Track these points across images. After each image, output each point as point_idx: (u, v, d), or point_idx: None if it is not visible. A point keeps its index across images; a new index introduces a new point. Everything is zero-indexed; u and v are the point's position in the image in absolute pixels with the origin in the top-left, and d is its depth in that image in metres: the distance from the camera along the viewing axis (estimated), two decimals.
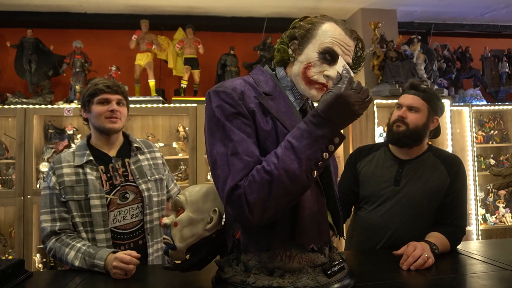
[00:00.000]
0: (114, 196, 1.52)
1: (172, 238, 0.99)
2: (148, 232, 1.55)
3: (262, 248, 0.93)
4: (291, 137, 0.87)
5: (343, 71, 0.90)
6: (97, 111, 1.55)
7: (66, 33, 3.58)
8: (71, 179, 1.50)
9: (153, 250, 1.56)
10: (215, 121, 0.93)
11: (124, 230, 1.52)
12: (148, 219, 1.56)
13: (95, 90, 1.56)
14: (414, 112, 1.56)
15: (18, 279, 1.17)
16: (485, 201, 3.78)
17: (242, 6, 3.52)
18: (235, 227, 0.98)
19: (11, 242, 3.11)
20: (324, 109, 0.87)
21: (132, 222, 1.54)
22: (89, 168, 1.52)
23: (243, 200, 0.84)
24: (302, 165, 0.84)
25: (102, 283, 1.21)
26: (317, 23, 1.02)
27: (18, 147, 2.91)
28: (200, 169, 3.04)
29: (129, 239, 1.52)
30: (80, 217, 1.48)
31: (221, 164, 0.89)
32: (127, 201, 1.54)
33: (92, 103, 1.56)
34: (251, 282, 0.91)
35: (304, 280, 0.91)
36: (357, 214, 1.67)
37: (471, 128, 3.57)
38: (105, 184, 1.52)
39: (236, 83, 0.97)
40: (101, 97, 1.56)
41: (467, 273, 1.19)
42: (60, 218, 1.46)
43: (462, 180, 1.54)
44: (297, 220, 0.93)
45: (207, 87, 3.65)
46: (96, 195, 1.48)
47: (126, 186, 1.56)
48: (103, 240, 1.46)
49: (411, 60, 3.42)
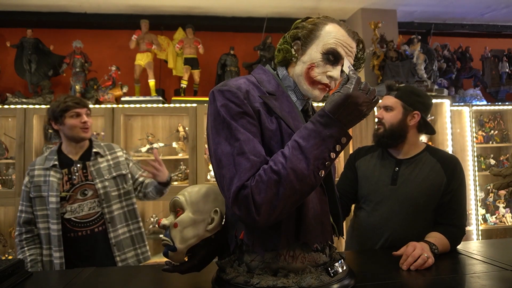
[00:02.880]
0: (73, 193, 1.87)
1: (172, 239, 0.97)
2: (109, 221, 1.89)
3: (267, 248, 0.93)
4: (298, 137, 0.87)
5: (350, 72, 0.90)
6: (71, 123, 1.87)
7: (66, 33, 3.58)
8: (40, 179, 1.88)
9: (115, 234, 1.90)
10: (220, 120, 0.92)
11: (81, 220, 1.87)
12: (106, 211, 1.89)
13: (66, 106, 1.86)
14: (389, 111, 1.60)
15: (18, 279, 1.17)
16: (485, 201, 3.78)
17: (242, 6, 3.52)
18: (237, 228, 0.97)
19: (11, 242, 3.11)
20: (332, 109, 0.87)
21: (89, 213, 1.88)
22: (53, 171, 1.88)
23: (250, 200, 0.84)
24: (310, 164, 0.84)
25: (102, 283, 1.21)
26: (320, 24, 1.02)
27: (18, 147, 2.91)
28: (200, 169, 3.04)
29: (86, 227, 1.87)
30: (41, 210, 1.86)
31: (227, 163, 0.88)
32: (86, 197, 1.89)
33: (65, 117, 1.86)
34: (255, 283, 0.91)
35: (309, 280, 0.91)
36: (356, 214, 1.68)
37: (471, 128, 3.57)
38: (65, 184, 1.87)
39: (240, 82, 0.97)
40: (73, 112, 1.87)
41: (467, 273, 1.19)
42: (26, 211, 1.88)
43: (460, 180, 1.54)
44: (302, 220, 0.94)
45: (207, 87, 3.66)
46: (53, 194, 1.83)
47: (86, 184, 1.90)
48: (55, 230, 1.82)
49: (411, 60, 3.42)
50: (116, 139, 2.97)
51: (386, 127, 1.59)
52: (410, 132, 1.60)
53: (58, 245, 1.82)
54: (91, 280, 1.22)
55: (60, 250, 1.82)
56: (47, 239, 1.85)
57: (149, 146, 3.23)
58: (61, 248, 1.82)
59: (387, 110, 1.61)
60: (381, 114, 1.61)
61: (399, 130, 1.58)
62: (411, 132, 1.60)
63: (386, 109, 1.61)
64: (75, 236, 1.85)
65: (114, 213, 1.91)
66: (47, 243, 1.85)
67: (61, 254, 1.82)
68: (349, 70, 0.92)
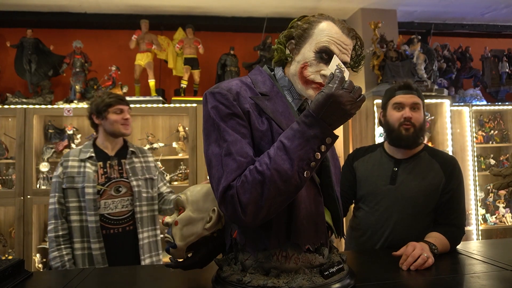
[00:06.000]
0: (108, 187, 1.88)
1: (172, 236, 1.01)
2: (138, 221, 1.90)
3: (258, 248, 0.93)
4: (283, 137, 0.87)
5: (335, 71, 0.89)
6: (113, 118, 1.92)
7: (66, 33, 3.58)
8: (73, 170, 1.88)
9: (143, 236, 1.91)
10: (210, 122, 0.94)
11: (114, 217, 1.88)
12: (138, 210, 1.91)
13: (111, 101, 1.92)
14: (416, 111, 1.57)
15: (18, 279, 1.17)
16: (485, 201, 3.78)
17: (242, 6, 3.52)
18: (232, 227, 0.98)
19: (11, 242, 3.11)
20: (315, 109, 0.86)
21: (121, 211, 1.89)
22: (89, 163, 1.89)
23: (236, 200, 0.84)
24: (294, 165, 0.83)
25: (102, 283, 1.21)
26: (314, 22, 1.01)
27: (18, 147, 2.91)
28: (200, 169, 3.04)
29: (118, 224, 1.88)
30: (76, 202, 1.85)
31: (216, 164, 0.90)
32: (120, 194, 1.90)
33: (108, 112, 1.92)
34: (247, 282, 0.91)
35: (299, 281, 0.91)
36: (355, 214, 1.68)
37: (471, 128, 3.57)
38: (100, 177, 1.88)
39: (232, 84, 0.97)
40: (117, 107, 1.93)
41: (467, 273, 1.19)
42: (59, 202, 1.85)
43: (458, 180, 1.54)
44: (292, 220, 0.93)
45: (207, 87, 3.62)
46: (89, 185, 1.84)
47: (120, 181, 1.91)
48: (93, 221, 1.81)
49: (411, 60, 3.42)
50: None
51: (416, 126, 1.55)
52: None
53: (98, 237, 1.80)
54: (91, 280, 1.22)
55: (99, 241, 1.81)
56: (82, 232, 1.83)
57: (149, 146, 3.23)
58: (100, 239, 1.81)
59: (414, 109, 1.56)
60: (410, 114, 1.55)
61: (424, 129, 1.58)
62: None
63: (413, 108, 1.56)
64: (107, 233, 1.85)
65: (144, 214, 1.92)
66: (81, 236, 1.83)
67: (101, 245, 1.81)
68: (335, 69, 0.90)
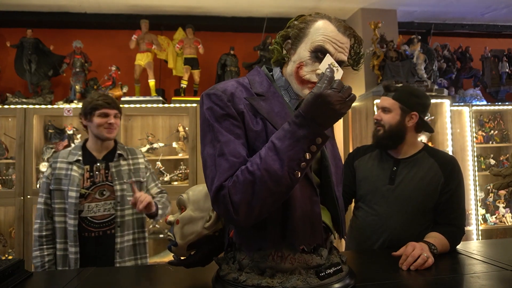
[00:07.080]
0: (92, 191, 1.88)
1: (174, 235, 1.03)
2: (118, 225, 1.89)
3: (254, 248, 0.94)
4: (274, 138, 0.87)
5: (326, 70, 0.88)
6: (97, 122, 1.89)
7: (66, 33, 3.58)
8: (61, 172, 1.89)
9: (121, 240, 1.89)
10: (206, 123, 0.95)
11: (96, 220, 1.88)
12: (119, 214, 1.90)
13: (97, 104, 1.89)
14: (387, 113, 1.60)
15: (18, 279, 1.17)
16: (485, 201, 3.78)
17: (242, 6, 3.53)
18: (230, 226, 0.99)
19: (11, 242, 3.11)
20: (305, 109, 0.85)
21: (103, 215, 1.89)
22: (76, 166, 1.90)
23: (228, 200, 0.85)
24: (284, 166, 0.83)
25: (102, 283, 1.21)
26: (310, 21, 1.01)
27: (18, 147, 2.92)
28: (200, 169, 3.04)
29: (99, 228, 1.88)
30: (61, 203, 1.87)
31: (210, 164, 0.91)
32: (103, 197, 1.90)
33: (93, 115, 1.89)
34: (242, 281, 0.92)
35: (294, 281, 0.90)
36: (355, 213, 1.68)
37: (471, 128, 3.57)
38: (85, 181, 1.88)
39: (227, 85, 0.98)
40: (102, 111, 1.89)
41: (467, 273, 1.19)
42: (45, 203, 1.88)
43: (458, 180, 1.54)
44: (287, 221, 0.93)
45: (207, 87, 3.61)
46: (73, 188, 1.85)
47: (105, 185, 1.91)
48: (72, 225, 1.83)
49: (411, 60, 3.42)
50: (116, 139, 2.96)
51: (385, 128, 1.59)
52: (408, 133, 1.60)
53: (74, 241, 1.82)
54: (91, 280, 1.22)
55: (76, 245, 1.82)
56: (63, 233, 1.85)
57: (149, 146, 3.24)
58: (77, 243, 1.82)
59: (385, 111, 1.60)
60: (380, 116, 1.61)
61: (397, 131, 1.58)
62: (410, 132, 1.60)
63: (384, 111, 1.61)
64: (89, 235, 1.86)
65: (126, 218, 1.91)
66: (62, 237, 1.86)
67: (76, 250, 1.82)
68: (326, 68, 0.89)
